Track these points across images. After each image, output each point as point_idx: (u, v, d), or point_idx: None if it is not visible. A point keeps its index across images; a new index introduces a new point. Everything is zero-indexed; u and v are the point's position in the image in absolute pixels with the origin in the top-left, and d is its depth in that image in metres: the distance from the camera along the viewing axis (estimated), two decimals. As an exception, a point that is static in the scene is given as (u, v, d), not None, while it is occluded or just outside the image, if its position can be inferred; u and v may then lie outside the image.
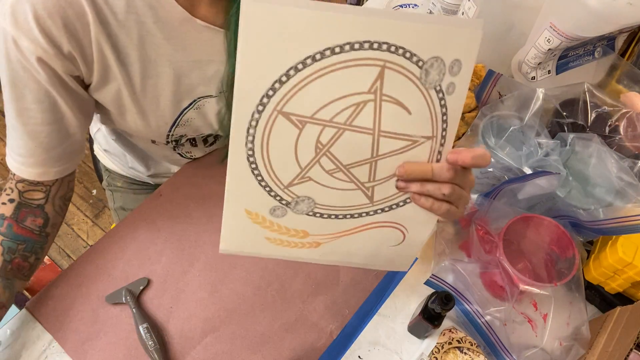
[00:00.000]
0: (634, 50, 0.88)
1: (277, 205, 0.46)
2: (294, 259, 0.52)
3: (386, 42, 0.36)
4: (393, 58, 0.37)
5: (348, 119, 0.40)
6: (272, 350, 0.67)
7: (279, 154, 0.42)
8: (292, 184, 0.44)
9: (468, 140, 0.78)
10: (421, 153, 0.42)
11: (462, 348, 0.66)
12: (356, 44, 0.36)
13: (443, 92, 0.40)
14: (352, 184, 0.45)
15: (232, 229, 0.49)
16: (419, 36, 0.37)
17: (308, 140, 0.41)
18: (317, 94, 0.38)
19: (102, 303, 0.68)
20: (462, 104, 0.41)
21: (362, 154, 0.42)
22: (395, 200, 0.46)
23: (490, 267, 0.66)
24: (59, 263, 1.60)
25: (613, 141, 0.73)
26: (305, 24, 0.35)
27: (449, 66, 0.38)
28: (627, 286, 0.67)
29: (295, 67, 0.37)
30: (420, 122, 0.41)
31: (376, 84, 0.38)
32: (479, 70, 0.92)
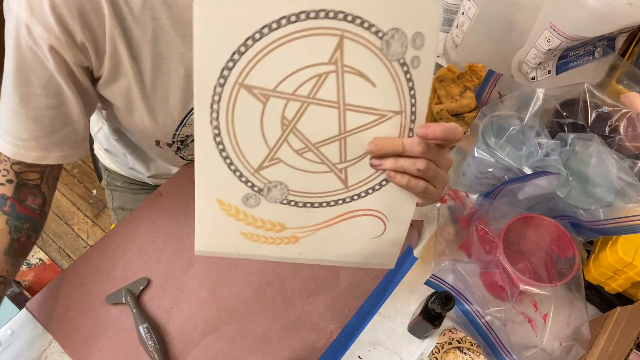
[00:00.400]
0: (634, 51, 0.88)
1: (249, 192, 0.45)
2: (273, 258, 0.51)
3: (342, 11, 0.36)
4: (351, 28, 0.37)
5: (311, 91, 0.39)
6: (272, 350, 0.67)
7: (245, 132, 0.41)
8: (262, 167, 0.43)
9: (468, 140, 0.78)
10: (391, 128, 0.42)
11: (462, 348, 0.66)
12: (312, 12, 0.36)
13: (408, 66, 0.39)
14: (324, 165, 0.44)
15: (206, 225, 0.47)
16: (377, 6, 0.37)
17: (273, 116, 0.40)
18: (278, 65, 0.38)
19: (102, 303, 0.68)
20: (429, 78, 0.40)
21: (329, 130, 0.42)
22: (370, 183, 0.46)
23: (491, 267, 0.66)
24: (59, 263, 1.60)
25: (613, 141, 0.73)
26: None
27: (411, 39, 0.38)
28: (627, 286, 0.67)
29: (252, 37, 0.37)
30: (386, 96, 0.40)
31: (336, 54, 0.38)
32: (479, 70, 0.92)
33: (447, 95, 0.91)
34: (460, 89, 0.92)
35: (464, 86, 0.92)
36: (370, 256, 0.52)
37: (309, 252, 0.51)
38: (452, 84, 0.93)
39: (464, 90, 0.92)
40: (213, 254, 0.50)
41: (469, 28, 0.89)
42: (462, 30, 0.91)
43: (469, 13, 0.88)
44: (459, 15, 0.92)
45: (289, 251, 0.50)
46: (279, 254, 0.50)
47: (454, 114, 0.88)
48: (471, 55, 0.93)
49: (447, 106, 0.88)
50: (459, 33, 0.93)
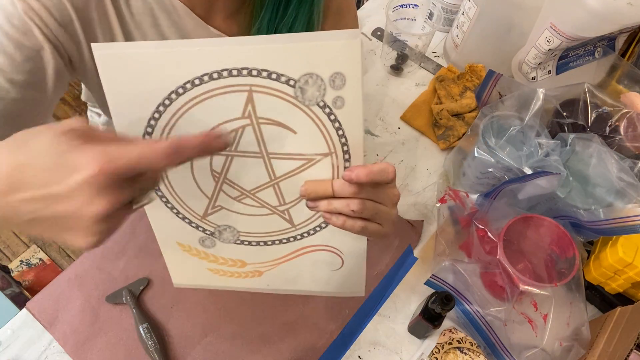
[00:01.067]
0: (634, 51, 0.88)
1: (203, 236, 0.47)
2: (243, 289, 0.52)
3: (246, 67, 0.37)
4: (258, 81, 0.37)
5: (232, 145, 0.40)
6: (272, 350, 0.66)
7: (182, 187, 0.43)
8: (208, 214, 0.45)
9: (468, 141, 0.78)
10: (322, 170, 0.42)
11: (462, 348, 0.66)
12: (214, 73, 0.37)
13: (330, 107, 0.39)
14: (265, 209, 0.45)
15: (175, 263, 0.50)
16: (285, 57, 0.36)
17: (203, 170, 0.42)
18: (193, 125, 0.39)
19: (103, 303, 0.68)
20: (359, 115, 0.39)
21: (261, 178, 0.42)
22: (315, 222, 0.46)
23: (491, 267, 0.66)
24: (59, 263, 1.60)
25: (613, 141, 0.73)
26: (160, 63, 0.36)
27: (328, 81, 0.38)
28: (627, 286, 0.67)
29: (163, 104, 0.38)
30: (310, 140, 0.40)
31: (248, 108, 0.38)
32: (479, 70, 0.92)
33: (447, 96, 0.91)
34: (460, 89, 0.92)
35: (464, 86, 0.92)
36: (336, 286, 0.53)
37: (276, 283, 0.52)
38: (452, 84, 0.93)
39: (464, 91, 0.92)
40: (190, 286, 0.53)
41: (469, 28, 0.89)
42: (462, 31, 0.91)
43: (469, 13, 0.88)
44: (459, 16, 0.92)
45: (256, 283, 0.52)
46: (248, 285, 0.52)
47: (454, 114, 0.88)
48: (471, 56, 0.93)
49: (447, 106, 0.88)
50: (459, 33, 0.93)
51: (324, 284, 0.52)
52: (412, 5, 0.95)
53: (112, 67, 0.37)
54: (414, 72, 0.98)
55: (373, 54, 1.01)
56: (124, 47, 0.37)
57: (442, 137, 0.87)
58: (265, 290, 0.53)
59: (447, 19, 1.00)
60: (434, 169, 0.86)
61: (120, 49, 0.36)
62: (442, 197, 0.76)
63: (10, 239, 1.64)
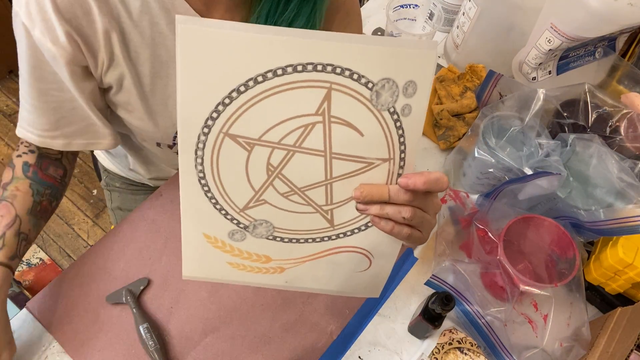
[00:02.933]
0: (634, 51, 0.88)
1: (235, 229, 0.46)
2: (259, 285, 0.51)
3: (331, 64, 0.36)
4: (340, 80, 0.37)
5: (297, 140, 0.39)
6: (272, 351, 0.66)
7: (230, 176, 0.42)
8: (248, 207, 0.44)
9: (468, 141, 0.78)
10: (378, 175, 0.42)
11: (462, 348, 0.66)
12: (299, 66, 0.36)
13: (398, 114, 0.39)
14: (309, 207, 0.44)
15: (193, 254, 0.48)
16: (367, 58, 0.36)
17: (258, 163, 0.41)
18: (263, 116, 0.38)
19: (103, 303, 0.68)
20: (420, 125, 0.40)
21: (316, 177, 0.42)
22: (356, 224, 0.46)
23: (491, 267, 0.66)
24: (59, 263, 1.60)
25: (614, 142, 0.73)
26: (244, 47, 0.35)
27: (402, 88, 0.38)
28: (627, 287, 0.67)
29: (237, 90, 0.37)
30: (374, 144, 0.40)
31: (323, 106, 0.38)
32: (480, 71, 0.92)
33: (447, 96, 0.91)
34: (460, 89, 0.92)
35: (465, 86, 0.92)
36: (354, 287, 0.53)
37: (295, 281, 0.51)
38: (453, 84, 0.93)
39: (464, 91, 0.92)
40: (200, 279, 0.51)
41: (469, 28, 0.89)
42: (462, 31, 0.91)
43: (469, 13, 0.88)
44: (459, 16, 0.92)
45: (274, 279, 0.51)
46: (264, 281, 0.51)
47: (454, 114, 0.88)
48: (472, 56, 0.93)
49: (447, 106, 0.88)
50: (459, 33, 0.93)
51: (342, 283, 0.52)
52: (413, 6, 0.95)
53: (193, 41, 0.35)
54: (415, 73, 0.98)
55: (373, 54, 1.01)
56: (209, 23, 0.34)
57: (443, 138, 0.87)
58: (282, 287, 0.52)
59: (448, 19, 1.00)
60: (434, 169, 0.85)
61: (205, 25, 0.34)
62: (442, 197, 0.76)
63: (10, 239, 1.64)
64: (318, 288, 0.52)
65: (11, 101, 1.93)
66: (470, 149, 0.76)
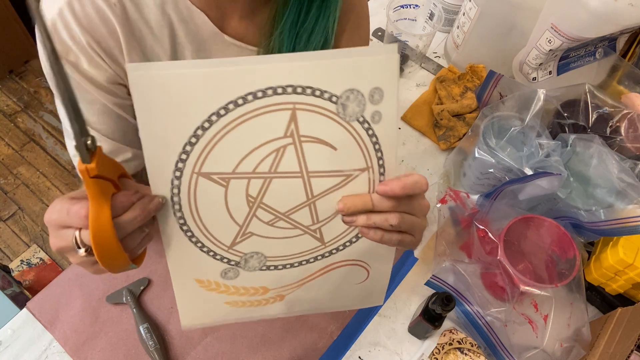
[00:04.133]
0: (635, 51, 0.88)
1: (226, 267, 0.45)
2: (261, 317, 0.50)
3: (290, 85, 0.36)
4: (302, 99, 0.37)
5: (272, 166, 0.39)
6: (272, 351, 0.66)
7: (211, 216, 0.41)
8: (236, 243, 0.43)
9: (469, 141, 0.78)
10: (359, 185, 0.41)
11: (462, 349, 0.66)
12: (259, 92, 0.36)
13: (368, 122, 0.39)
14: (297, 229, 0.43)
15: (189, 303, 0.47)
16: (326, 73, 0.36)
17: (237, 196, 0.40)
18: (233, 148, 0.38)
19: (103, 303, 0.68)
20: (394, 130, 0.39)
21: (297, 199, 0.41)
22: (347, 237, 0.45)
23: (491, 268, 0.66)
24: (59, 263, 1.60)
25: (614, 142, 0.73)
26: (200, 83, 0.35)
27: (368, 96, 0.38)
28: (627, 287, 0.67)
29: (201, 127, 0.36)
30: (349, 156, 0.40)
31: (291, 127, 0.38)
32: (480, 71, 0.92)
33: (447, 96, 0.91)
34: (461, 89, 0.92)
35: (465, 87, 0.92)
36: (357, 299, 0.52)
37: (296, 306, 0.51)
38: (453, 84, 0.93)
39: (464, 91, 0.92)
40: (201, 326, 0.50)
41: (469, 28, 0.89)
42: (463, 31, 0.91)
43: (469, 14, 0.88)
44: (459, 16, 0.92)
45: (276, 309, 0.50)
46: (266, 312, 0.50)
47: (454, 114, 0.88)
48: (472, 56, 0.93)
49: (447, 107, 0.88)
50: (459, 33, 0.93)
51: (344, 298, 0.51)
52: (413, 6, 0.95)
53: (147, 88, 0.35)
54: (415, 73, 0.98)
55: (374, 54, 1.01)
56: (161, 67, 0.34)
57: (443, 138, 0.87)
58: (284, 314, 0.51)
59: (448, 20, 1.00)
60: (434, 170, 0.86)
61: (157, 69, 0.34)
62: (442, 198, 0.76)
63: (10, 239, 1.64)
64: (322, 307, 0.52)
65: (11, 101, 1.93)
66: (470, 149, 0.76)
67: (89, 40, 0.49)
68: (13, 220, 1.68)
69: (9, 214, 1.69)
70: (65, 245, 0.37)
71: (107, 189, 0.35)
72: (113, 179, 0.36)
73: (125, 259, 0.37)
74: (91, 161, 0.33)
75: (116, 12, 0.48)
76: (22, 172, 1.78)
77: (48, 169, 1.79)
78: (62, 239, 0.37)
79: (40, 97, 1.94)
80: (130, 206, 0.37)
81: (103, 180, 0.34)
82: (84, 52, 0.50)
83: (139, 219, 0.37)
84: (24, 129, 1.87)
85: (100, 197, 0.34)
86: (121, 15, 0.49)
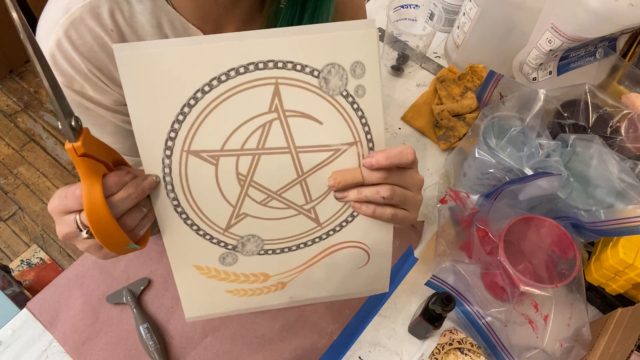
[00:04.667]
0: (635, 51, 0.88)
1: (224, 252, 0.45)
2: (266, 307, 0.50)
3: (271, 59, 0.37)
4: (284, 73, 0.37)
5: (259, 142, 0.39)
6: (272, 351, 0.66)
7: (204, 196, 0.41)
8: (231, 225, 0.43)
9: (469, 141, 0.78)
10: (349, 160, 0.42)
11: (462, 349, 0.66)
12: (241, 68, 0.37)
13: (352, 96, 0.39)
14: (291, 209, 0.44)
15: (191, 292, 0.47)
16: (307, 48, 0.37)
17: (228, 175, 0.40)
18: (220, 125, 0.38)
19: (103, 303, 0.68)
20: (379, 103, 0.40)
21: (288, 176, 0.42)
22: (342, 216, 0.45)
23: (491, 268, 0.66)
24: (59, 263, 1.60)
25: (614, 142, 0.73)
26: (184, 61, 0.36)
27: (349, 70, 0.38)
28: (628, 287, 0.67)
29: (187, 104, 0.37)
30: (336, 130, 0.40)
31: (275, 102, 0.38)
32: (480, 71, 0.92)
33: (448, 96, 0.91)
34: (461, 89, 0.92)
35: (465, 87, 0.92)
36: (361, 286, 0.52)
37: (299, 294, 0.50)
38: (453, 84, 0.93)
39: (465, 91, 0.92)
40: (204, 317, 0.50)
41: (470, 28, 0.89)
42: (463, 31, 0.91)
43: (470, 14, 0.88)
44: (460, 16, 0.92)
45: (279, 297, 0.50)
46: (269, 302, 0.50)
47: (454, 114, 0.88)
48: (472, 56, 0.93)
49: (448, 107, 0.88)
50: (460, 33, 0.92)
51: (349, 285, 0.51)
52: (413, 6, 0.95)
53: (134, 67, 0.35)
54: (415, 73, 0.98)
55: (374, 54, 1.01)
56: (146, 46, 0.35)
57: (443, 138, 0.87)
58: (288, 304, 0.51)
59: (448, 20, 1.00)
60: (434, 170, 0.86)
61: (143, 48, 0.35)
62: (442, 198, 0.76)
63: (10, 239, 1.64)
64: (325, 296, 0.52)
65: (12, 101, 1.93)
66: (470, 149, 0.76)
67: (90, 67, 0.49)
68: (13, 220, 1.68)
69: (9, 214, 1.69)
70: (70, 230, 0.38)
71: (98, 169, 0.36)
72: (105, 162, 0.37)
73: (123, 237, 0.37)
74: (77, 140, 0.34)
75: (114, 37, 0.49)
76: (22, 172, 1.78)
77: (48, 169, 1.79)
78: (66, 225, 0.38)
79: (41, 97, 1.94)
80: (124, 185, 0.38)
81: (93, 160, 0.35)
82: (87, 79, 0.50)
83: (133, 196, 0.38)
84: (24, 129, 1.87)
85: (91, 176, 0.35)
86: (119, 40, 0.49)
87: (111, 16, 0.47)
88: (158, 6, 0.49)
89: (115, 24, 0.48)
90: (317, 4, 0.53)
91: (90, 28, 0.47)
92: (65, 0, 0.47)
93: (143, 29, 0.50)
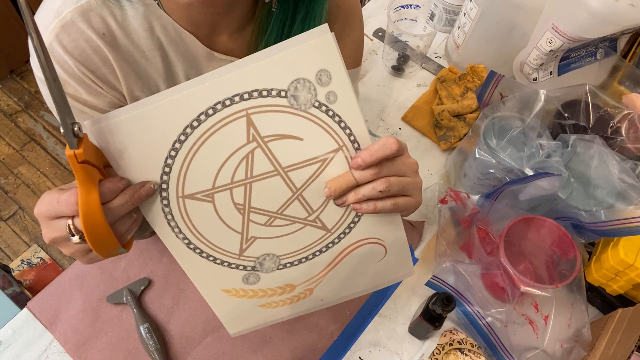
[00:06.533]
0: (636, 52, 0.88)
1: (245, 274, 0.47)
2: (300, 313, 0.52)
3: (236, 93, 0.37)
4: (252, 103, 0.38)
5: (247, 172, 0.41)
6: (272, 351, 0.66)
7: (211, 230, 0.43)
8: (244, 250, 0.45)
9: (469, 141, 0.78)
10: (338, 165, 0.42)
11: (462, 349, 0.66)
12: (209, 110, 0.38)
13: (325, 105, 0.39)
14: (296, 224, 0.45)
15: (227, 313, 0.50)
16: (267, 72, 0.37)
17: (226, 207, 0.42)
18: (205, 166, 0.40)
19: (103, 303, 0.68)
20: (354, 103, 0.40)
21: (283, 195, 0.43)
22: (348, 219, 0.46)
23: (492, 268, 0.66)
24: (60, 263, 1.60)
25: (615, 143, 0.73)
26: (155, 118, 0.37)
27: (315, 80, 0.38)
28: (628, 288, 0.67)
29: (169, 156, 0.39)
30: (318, 142, 0.41)
31: (251, 132, 0.39)
32: (481, 71, 0.92)
33: (448, 96, 0.91)
34: (461, 89, 0.92)
35: (466, 87, 0.92)
36: (387, 275, 0.53)
37: (329, 295, 0.52)
38: (454, 84, 0.93)
39: (465, 91, 0.92)
40: (247, 331, 0.52)
41: (470, 29, 0.89)
42: (463, 31, 0.91)
43: (470, 14, 0.87)
44: (460, 16, 0.92)
45: (311, 302, 0.52)
46: (303, 307, 0.52)
47: (455, 114, 0.88)
48: (473, 56, 0.93)
49: (448, 107, 0.88)
50: (460, 34, 0.92)
51: (374, 277, 0.52)
52: (414, 6, 0.95)
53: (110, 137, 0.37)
54: (415, 73, 0.98)
55: (374, 54, 1.01)
56: (116, 114, 0.37)
57: (443, 138, 0.87)
58: (321, 306, 0.53)
59: (449, 20, 1.00)
60: (435, 170, 0.86)
61: (112, 118, 0.37)
62: (443, 198, 0.76)
63: (11, 239, 1.64)
64: (354, 292, 0.53)
65: (12, 101, 1.93)
66: (471, 149, 0.76)
67: (83, 70, 0.49)
68: (13, 220, 1.68)
69: (10, 213, 1.69)
70: (59, 235, 0.38)
71: (95, 175, 0.37)
72: (99, 167, 0.38)
73: (115, 242, 0.38)
74: (79, 147, 0.34)
75: (106, 41, 0.49)
76: (22, 171, 1.78)
77: (48, 169, 1.79)
78: (55, 230, 0.38)
79: (41, 97, 1.94)
80: (118, 192, 0.38)
81: (90, 167, 0.36)
82: (80, 83, 0.50)
83: (129, 203, 0.39)
84: (24, 129, 1.87)
85: (88, 182, 0.36)
86: (111, 43, 0.49)
87: (103, 20, 0.48)
88: (150, 10, 0.49)
89: (107, 27, 0.48)
90: (309, 7, 0.53)
91: (81, 31, 0.47)
92: (57, 3, 0.47)
93: (136, 33, 0.50)
